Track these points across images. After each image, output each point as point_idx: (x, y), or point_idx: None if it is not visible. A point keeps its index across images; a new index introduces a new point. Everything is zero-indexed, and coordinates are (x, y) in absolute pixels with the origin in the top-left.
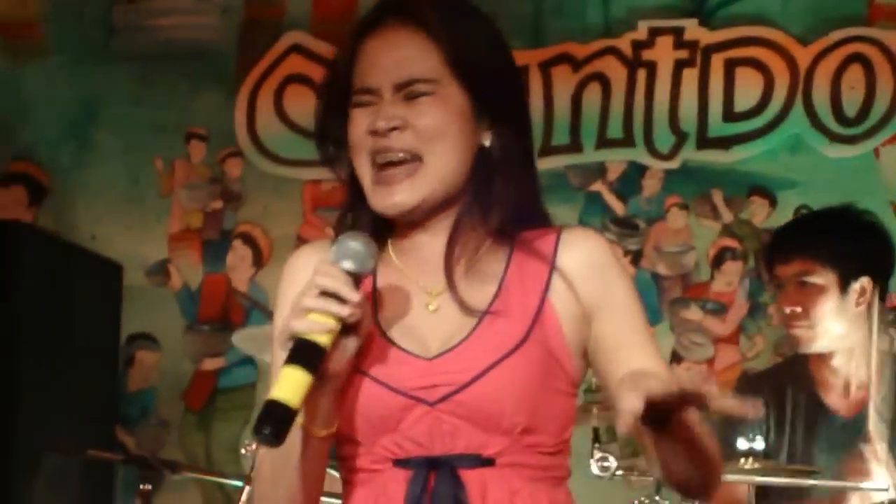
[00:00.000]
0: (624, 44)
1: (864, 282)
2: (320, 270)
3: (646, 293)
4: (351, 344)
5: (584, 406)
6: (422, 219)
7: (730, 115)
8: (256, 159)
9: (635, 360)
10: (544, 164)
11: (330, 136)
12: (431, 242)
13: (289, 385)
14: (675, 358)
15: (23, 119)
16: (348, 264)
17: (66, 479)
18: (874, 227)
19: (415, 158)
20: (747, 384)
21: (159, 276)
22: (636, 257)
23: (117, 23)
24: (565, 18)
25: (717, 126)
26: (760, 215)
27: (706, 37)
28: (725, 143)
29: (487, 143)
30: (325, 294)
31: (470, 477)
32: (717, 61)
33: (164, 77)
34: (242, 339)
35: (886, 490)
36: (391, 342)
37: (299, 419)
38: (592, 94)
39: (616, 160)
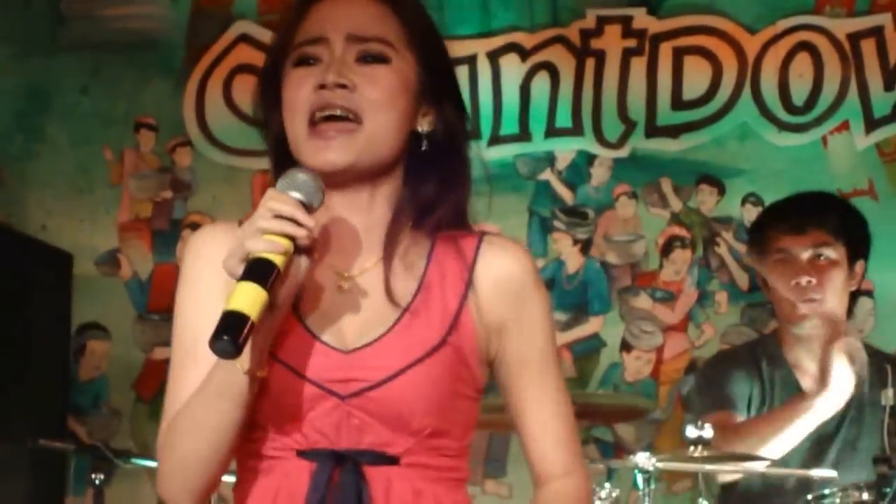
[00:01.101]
0: (572, 33)
1: (860, 265)
2: (272, 197)
3: (596, 282)
4: (302, 268)
5: None
6: (343, 184)
7: (678, 103)
8: (206, 149)
9: (532, 384)
10: (493, 154)
11: (269, 98)
12: (347, 220)
13: (246, 298)
14: (625, 346)
15: None
16: (297, 195)
17: (17, 468)
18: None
19: (355, 119)
20: (722, 361)
21: (109, 266)
22: (586, 246)
23: (65, 13)
24: (513, 7)
25: (665, 115)
26: (709, 203)
27: (654, 25)
28: (674, 131)
29: (424, 127)
30: (279, 217)
31: (374, 474)
32: (666, 50)
33: (113, 67)
34: None
35: (835, 476)
36: (308, 330)
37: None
38: (541, 83)
39: (565, 149)
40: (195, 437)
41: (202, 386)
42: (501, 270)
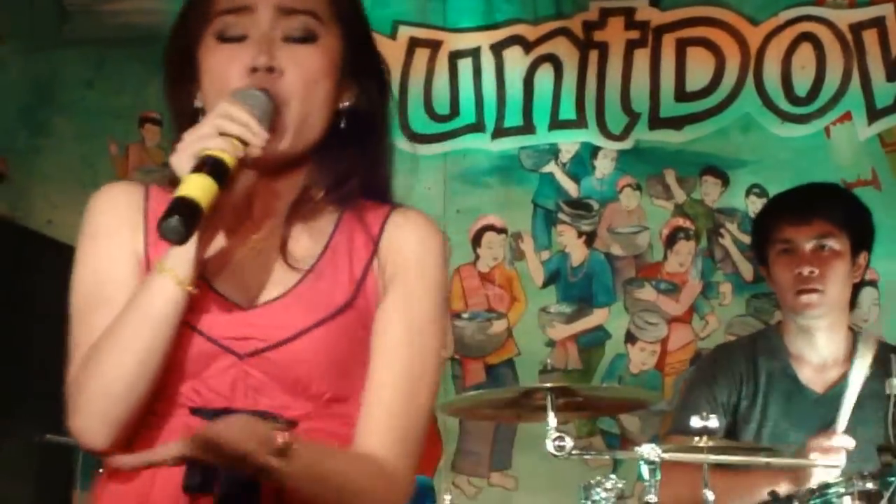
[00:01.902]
0: (575, 25)
1: (864, 256)
2: (229, 104)
3: (600, 274)
4: (245, 180)
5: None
6: (276, 168)
7: (681, 95)
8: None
9: (386, 354)
10: (497, 146)
11: (181, 68)
12: (264, 185)
13: (198, 186)
14: (630, 338)
15: None
16: (251, 108)
17: (25, 463)
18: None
19: (279, 102)
20: (721, 353)
21: None
22: (590, 238)
23: (69, 7)
24: (517, 0)
25: (668, 106)
26: (713, 195)
27: (657, 17)
28: (677, 123)
29: (345, 103)
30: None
31: None
32: (669, 41)
33: (118, 62)
34: None
35: (838, 467)
36: (210, 286)
37: (166, 266)
38: (544, 76)
39: (569, 141)
40: (120, 361)
41: (126, 308)
42: (400, 239)
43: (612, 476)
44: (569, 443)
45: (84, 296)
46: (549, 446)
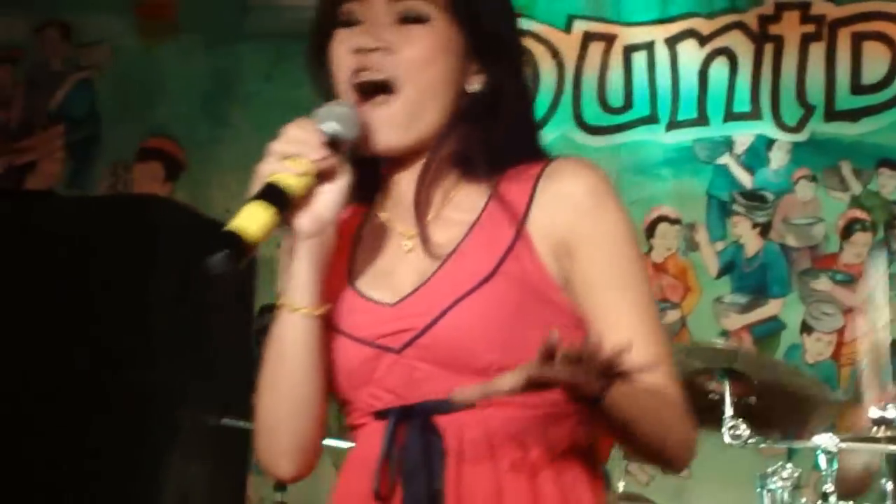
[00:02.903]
0: (751, 19)
1: None
2: (294, 124)
3: (775, 265)
4: (326, 200)
5: None
6: (402, 158)
7: (857, 87)
8: None
9: (604, 304)
10: (672, 139)
11: (320, 59)
12: (409, 184)
13: (248, 216)
14: (806, 329)
15: (158, 96)
16: (333, 125)
17: (202, 447)
18: None
19: (392, 86)
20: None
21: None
22: (765, 229)
23: (250, 2)
24: None
25: (844, 99)
26: (889, 186)
27: (833, 11)
28: (853, 115)
29: (473, 87)
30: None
31: (447, 423)
32: (844, 35)
33: (296, 55)
34: None
35: None
36: (357, 291)
37: (285, 300)
38: (719, 69)
39: (743, 133)
40: (271, 396)
41: (268, 342)
42: (561, 190)
43: (789, 465)
44: (744, 431)
45: None
46: (725, 435)
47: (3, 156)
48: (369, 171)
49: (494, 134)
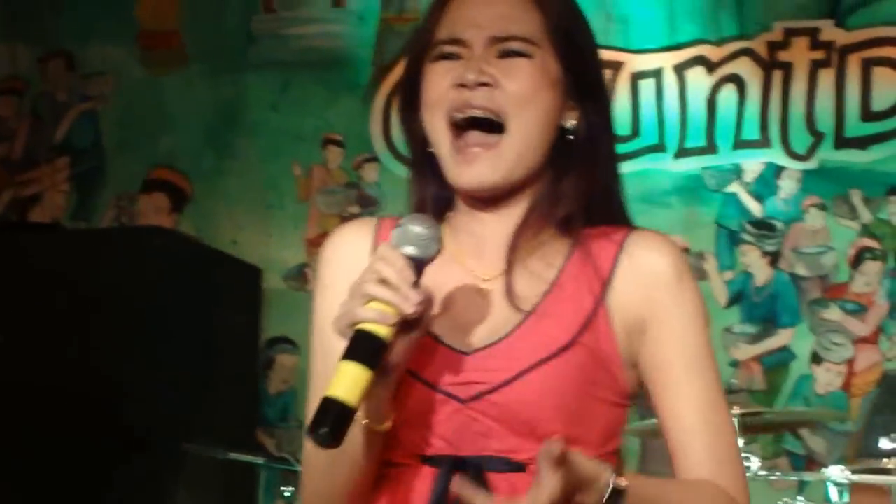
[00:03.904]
0: (759, 45)
1: None
2: (382, 256)
3: (785, 294)
4: (412, 338)
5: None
6: (493, 198)
7: (867, 114)
8: (392, 164)
9: (676, 389)
10: (680, 167)
11: (409, 96)
12: (495, 225)
13: (347, 382)
14: (815, 359)
15: (164, 127)
16: (410, 249)
17: (209, 481)
18: None
19: (496, 123)
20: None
21: (298, 281)
22: (774, 258)
23: (255, 31)
24: (700, 21)
25: (854, 126)
26: None
27: (842, 37)
28: (863, 142)
29: (570, 123)
30: (385, 284)
31: (498, 481)
32: (854, 62)
33: (301, 84)
34: None
35: None
36: (433, 335)
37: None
38: (728, 96)
39: (752, 161)
40: (326, 481)
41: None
42: (644, 266)
43: (800, 498)
44: (754, 463)
45: (314, 347)
46: None
47: (8, 188)
48: (437, 192)
49: (591, 182)
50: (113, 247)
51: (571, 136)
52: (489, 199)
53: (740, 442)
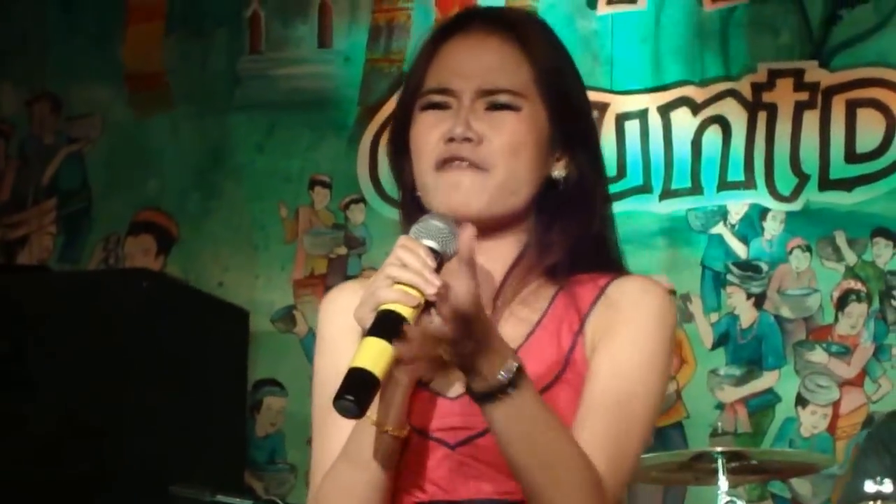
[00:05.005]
0: (744, 86)
1: None
2: (403, 244)
3: (770, 336)
4: (432, 324)
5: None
6: (478, 238)
7: (851, 156)
8: (379, 206)
9: (589, 396)
10: (665, 208)
11: (399, 141)
12: (481, 271)
13: (371, 353)
14: (800, 401)
15: (150, 168)
16: (430, 242)
17: None
18: None
19: (482, 169)
20: (892, 421)
21: (285, 323)
22: (759, 300)
23: (241, 73)
24: (684, 62)
25: (839, 167)
26: (884, 256)
27: (827, 79)
28: (848, 184)
29: (557, 172)
30: (407, 268)
31: None
32: (839, 103)
33: (288, 125)
34: None
35: None
36: (419, 382)
37: (372, 417)
38: (712, 137)
39: (737, 202)
40: (344, 496)
41: (344, 451)
42: (619, 297)
43: None
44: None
45: (318, 408)
46: None
47: None
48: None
49: (580, 231)
50: (100, 289)
51: (561, 186)
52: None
53: (724, 484)
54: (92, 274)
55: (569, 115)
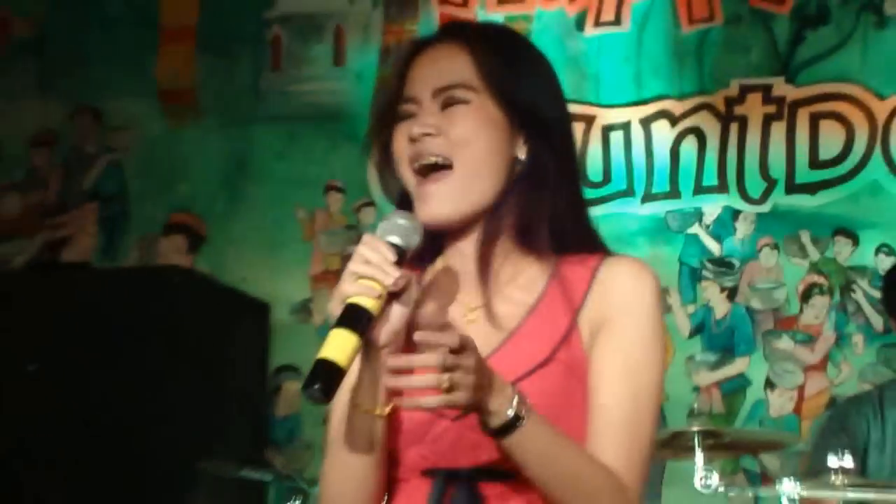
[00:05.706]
0: (718, 100)
1: None
2: (365, 242)
3: (741, 326)
4: (396, 314)
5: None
6: (459, 230)
7: (815, 163)
8: (389, 208)
9: (605, 389)
10: (646, 210)
11: (386, 155)
12: (468, 255)
13: (336, 344)
14: (769, 385)
15: (182, 174)
16: (393, 238)
17: (223, 496)
18: None
19: (445, 164)
20: (850, 404)
21: (302, 314)
22: (732, 293)
23: (263, 88)
24: (664, 78)
25: (803, 173)
26: (844, 253)
27: (792, 93)
28: (812, 188)
29: (521, 155)
30: (369, 263)
31: (491, 490)
32: (803, 115)
33: (306, 136)
34: None
35: None
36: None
37: (363, 404)
38: (689, 146)
39: (712, 205)
40: (340, 473)
41: (337, 435)
42: (613, 283)
43: None
44: (714, 480)
45: (333, 419)
46: (697, 483)
47: (41, 231)
48: (429, 237)
49: (542, 204)
50: (137, 284)
51: (522, 169)
52: (459, 233)
53: (700, 459)
54: (129, 271)
55: (520, 103)
